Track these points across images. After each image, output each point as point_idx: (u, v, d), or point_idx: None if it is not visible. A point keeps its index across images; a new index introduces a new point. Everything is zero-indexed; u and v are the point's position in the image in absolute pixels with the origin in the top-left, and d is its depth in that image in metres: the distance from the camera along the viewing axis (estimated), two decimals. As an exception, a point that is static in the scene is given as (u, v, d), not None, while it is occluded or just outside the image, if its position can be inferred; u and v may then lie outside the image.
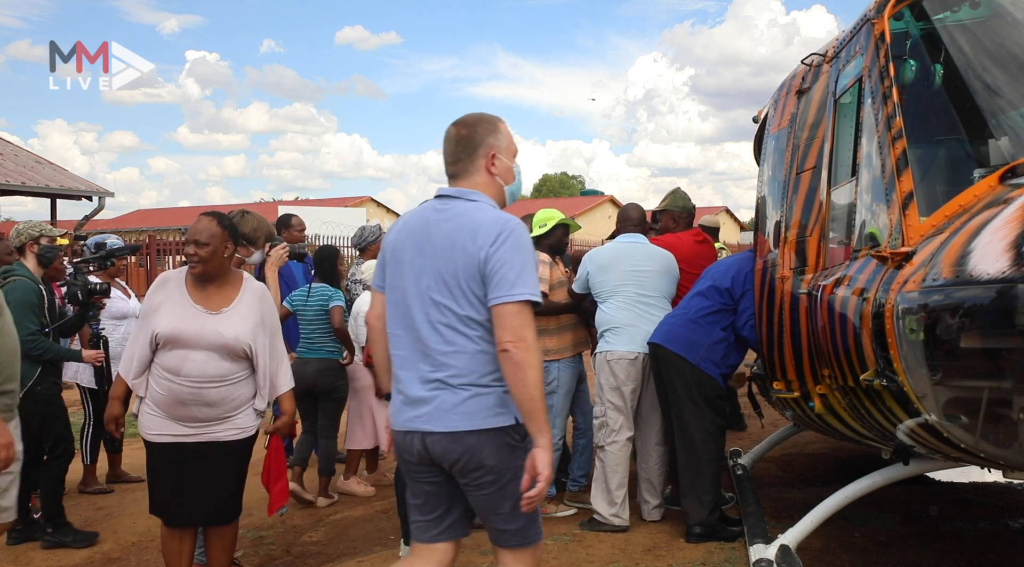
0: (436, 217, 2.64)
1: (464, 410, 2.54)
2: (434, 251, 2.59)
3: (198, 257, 3.40)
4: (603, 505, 4.60)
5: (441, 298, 2.56)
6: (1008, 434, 2.47)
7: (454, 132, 2.70)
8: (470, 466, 2.56)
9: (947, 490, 5.28)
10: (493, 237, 2.51)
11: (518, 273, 2.48)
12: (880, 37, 3.41)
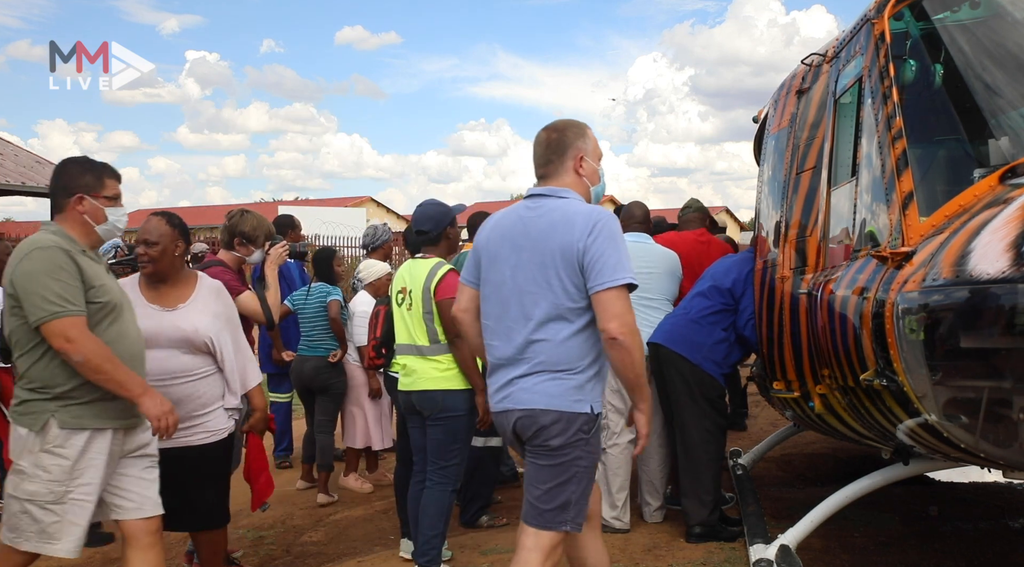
0: (529, 214, 2.84)
1: (545, 391, 2.75)
2: (531, 245, 2.79)
3: (148, 257, 3.37)
4: (605, 508, 4.58)
5: (537, 289, 2.75)
6: (1008, 434, 2.47)
7: (545, 136, 2.92)
8: (536, 440, 2.78)
9: (947, 490, 5.28)
10: (589, 228, 2.69)
11: (616, 260, 2.66)
12: (880, 37, 3.41)
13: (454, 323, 3.22)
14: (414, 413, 3.99)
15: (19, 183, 16.04)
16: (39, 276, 2.78)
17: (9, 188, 16.01)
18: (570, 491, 2.77)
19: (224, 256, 4.29)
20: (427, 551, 3.86)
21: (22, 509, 2.85)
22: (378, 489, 5.68)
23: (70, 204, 2.98)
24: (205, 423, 3.42)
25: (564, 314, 2.74)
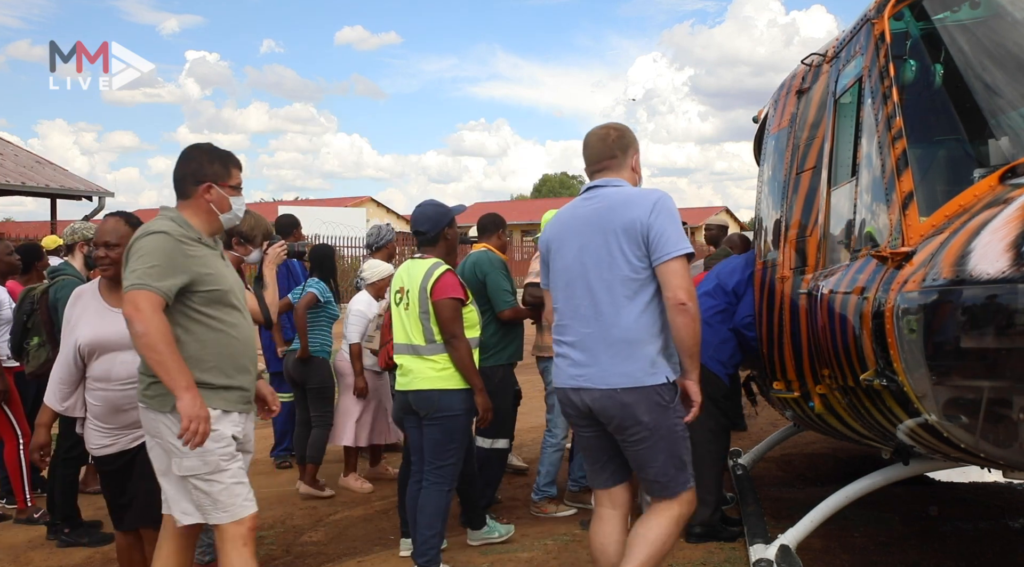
0: (589, 204, 3.10)
1: (621, 370, 2.94)
2: (593, 228, 3.03)
3: (108, 259, 3.31)
4: None
5: (604, 268, 2.98)
6: (1008, 434, 2.47)
7: (605, 133, 3.20)
8: (626, 422, 2.96)
9: (947, 490, 5.28)
10: (650, 207, 2.95)
11: (677, 234, 2.92)
12: (880, 37, 3.41)
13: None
14: (411, 413, 3.99)
15: (19, 183, 16.03)
16: (139, 255, 2.83)
17: (9, 188, 16.00)
18: (678, 455, 3.01)
19: None
20: (425, 551, 3.87)
21: (192, 486, 2.92)
22: (378, 489, 5.68)
23: (198, 192, 3.01)
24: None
25: (632, 289, 2.95)
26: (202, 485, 2.91)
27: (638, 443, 2.97)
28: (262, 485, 5.91)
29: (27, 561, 4.52)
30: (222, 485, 2.93)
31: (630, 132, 3.22)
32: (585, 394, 3.02)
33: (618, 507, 3.18)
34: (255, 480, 6.51)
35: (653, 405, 2.94)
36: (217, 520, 2.93)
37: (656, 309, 2.97)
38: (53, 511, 4.80)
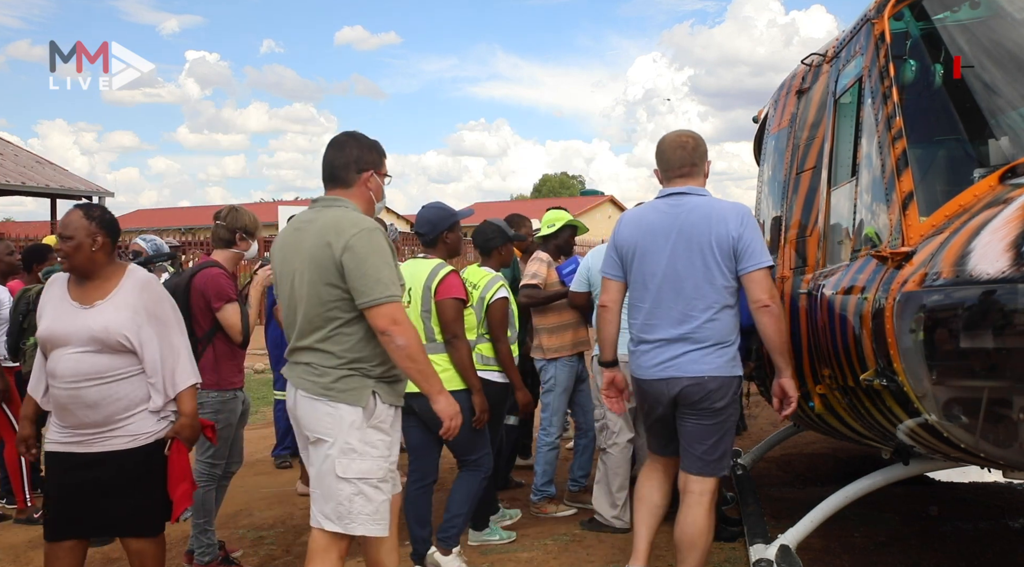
0: (675, 211, 3.39)
1: (712, 362, 3.32)
2: (685, 237, 3.33)
3: (64, 252, 3.15)
4: (605, 507, 4.60)
5: (697, 274, 3.30)
6: (1008, 434, 2.47)
7: (683, 141, 3.47)
8: (704, 405, 3.35)
9: (947, 490, 5.28)
10: (740, 222, 3.29)
11: (761, 246, 3.30)
12: (880, 37, 3.41)
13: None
14: (411, 414, 3.96)
15: (19, 183, 16.04)
16: (373, 257, 2.77)
17: (9, 188, 16.01)
18: (727, 442, 3.46)
19: (220, 257, 4.18)
20: (447, 528, 3.99)
21: (356, 491, 2.80)
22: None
23: (360, 180, 3.00)
24: (126, 427, 3.13)
25: (721, 296, 3.30)
26: (370, 491, 2.81)
27: (703, 421, 3.38)
28: (262, 485, 5.92)
29: (27, 561, 4.52)
30: (384, 496, 2.87)
31: (703, 141, 3.51)
32: (675, 382, 3.36)
33: (668, 472, 3.69)
34: (255, 480, 6.51)
35: (729, 394, 3.38)
36: (360, 531, 2.82)
37: (736, 313, 3.38)
38: None
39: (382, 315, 2.75)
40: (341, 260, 2.78)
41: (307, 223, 2.94)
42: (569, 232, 5.27)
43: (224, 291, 4.01)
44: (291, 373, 2.96)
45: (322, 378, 2.84)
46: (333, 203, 2.95)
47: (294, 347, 2.94)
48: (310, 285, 2.85)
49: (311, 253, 2.85)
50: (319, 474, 2.86)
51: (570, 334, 5.04)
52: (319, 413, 2.83)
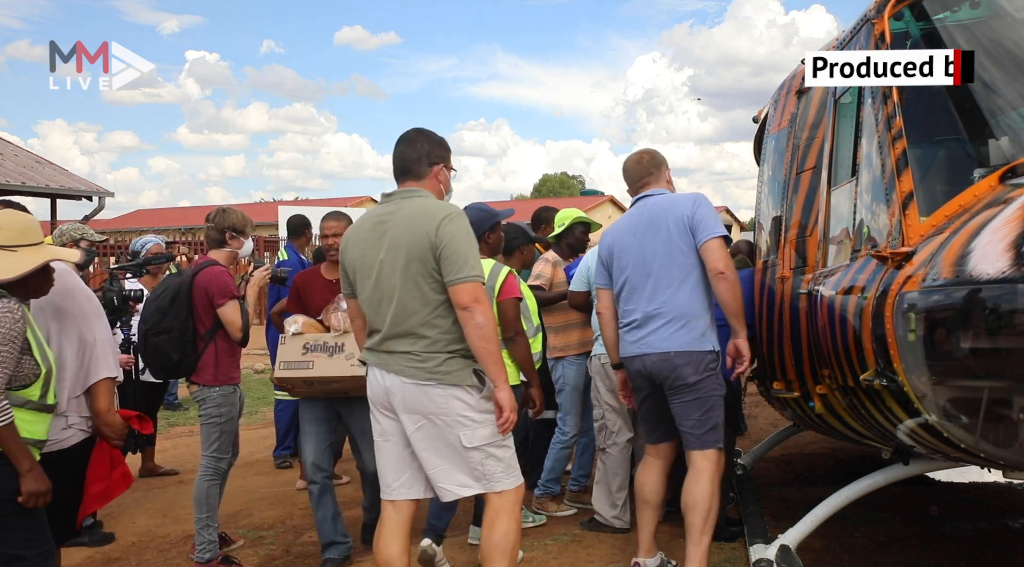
0: (640, 210, 3.82)
1: (677, 338, 3.59)
2: (649, 226, 3.71)
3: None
4: (605, 507, 4.60)
5: (661, 256, 3.63)
6: (1008, 434, 2.47)
7: (639, 157, 3.96)
8: (676, 382, 3.61)
9: (947, 490, 5.28)
10: (692, 203, 3.66)
11: (714, 221, 3.61)
12: (880, 37, 3.41)
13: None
14: None
15: (19, 183, 16.01)
16: (464, 238, 2.94)
17: (9, 188, 15.97)
18: (714, 416, 3.64)
19: (217, 256, 4.26)
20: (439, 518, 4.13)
21: (485, 455, 2.99)
22: (378, 489, 5.68)
23: (432, 172, 3.12)
24: None
25: (683, 270, 3.61)
26: (497, 452, 3.02)
27: (683, 398, 3.62)
28: (262, 485, 5.92)
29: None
30: (510, 450, 3.08)
31: (659, 154, 3.96)
32: (646, 358, 3.65)
33: (661, 458, 3.93)
34: (255, 480, 6.50)
35: (701, 368, 3.60)
36: (504, 487, 3.03)
37: (703, 289, 3.62)
38: None
39: (467, 291, 2.89)
40: (435, 241, 2.92)
41: (389, 215, 3.05)
42: (580, 229, 5.25)
43: (227, 288, 4.09)
44: (386, 360, 3.04)
45: (426, 363, 2.97)
46: (413, 193, 3.07)
47: (388, 335, 3.02)
48: (405, 272, 2.96)
49: (405, 241, 2.96)
50: (440, 451, 3.00)
51: (576, 333, 5.04)
52: (431, 395, 2.97)
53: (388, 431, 3.11)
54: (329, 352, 4.01)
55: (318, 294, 4.23)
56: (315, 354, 4.01)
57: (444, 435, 2.98)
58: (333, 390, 4.10)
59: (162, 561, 4.48)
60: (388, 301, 3.00)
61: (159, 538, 4.83)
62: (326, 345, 4.02)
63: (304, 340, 4.05)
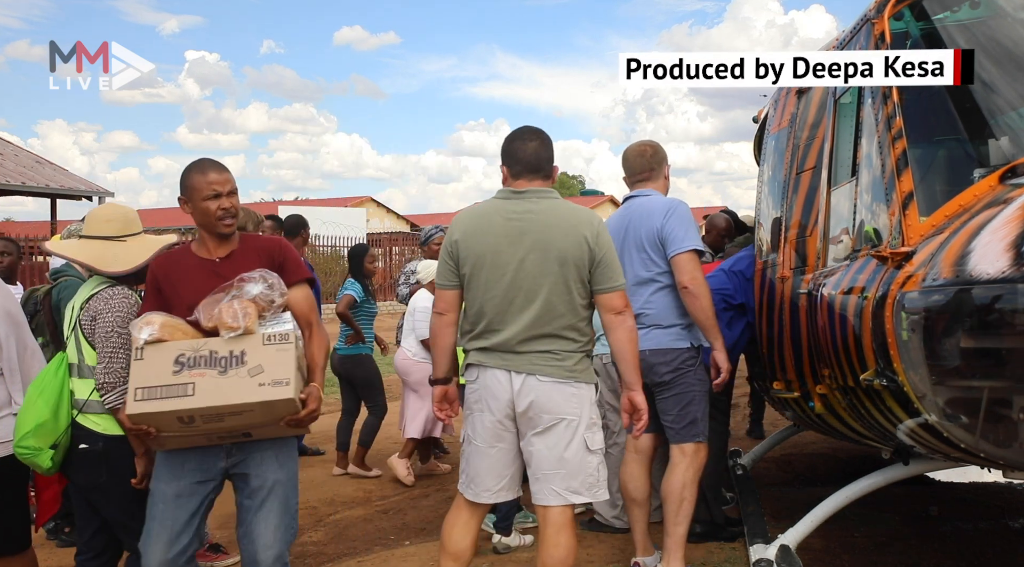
0: (625, 213, 3.89)
1: (649, 338, 3.68)
2: (628, 234, 3.80)
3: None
4: (605, 507, 4.61)
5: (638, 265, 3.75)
6: (1008, 434, 2.47)
7: (642, 149, 3.96)
8: (652, 379, 3.69)
9: (947, 490, 5.28)
10: (664, 213, 3.72)
11: (684, 234, 3.64)
12: (880, 37, 3.41)
13: None
14: None
15: (19, 183, 16.04)
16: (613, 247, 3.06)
17: (9, 188, 16.02)
18: (693, 410, 3.75)
19: None
20: (508, 514, 4.32)
21: (599, 460, 3.05)
22: (378, 489, 5.69)
23: (554, 173, 3.19)
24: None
25: (657, 281, 3.73)
26: (604, 459, 3.09)
27: (660, 394, 3.76)
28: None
29: (27, 561, 4.52)
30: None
31: (661, 148, 3.97)
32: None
33: (641, 452, 4.03)
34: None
35: (674, 364, 3.72)
36: (603, 496, 3.09)
37: (676, 295, 3.72)
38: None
39: (621, 298, 3.01)
40: (595, 249, 2.97)
41: (526, 213, 3.00)
42: None
43: None
44: (515, 361, 2.97)
45: (564, 362, 2.97)
46: (548, 194, 3.07)
47: (526, 337, 2.95)
48: (558, 274, 2.94)
49: (559, 244, 2.94)
50: (562, 453, 2.97)
51: None
52: (565, 394, 2.96)
53: (501, 437, 3.03)
54: (221, 367, 2.61)
55: (193, 281, 2.82)
56: (196, 372, 2.60)
57: (570, 436, 2.97)
58: (227, 429, 2.69)
59: (162, 561, 4.48)
60: (529, 302, 2.94)
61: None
62: (214, 357, 2.62)
63: (174, 351, 2.63)
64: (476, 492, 3.07)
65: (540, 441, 2.97)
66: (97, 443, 2.93)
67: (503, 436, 3.02)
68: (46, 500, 3.18)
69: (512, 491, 3.12)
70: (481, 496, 3.07)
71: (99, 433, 2.94)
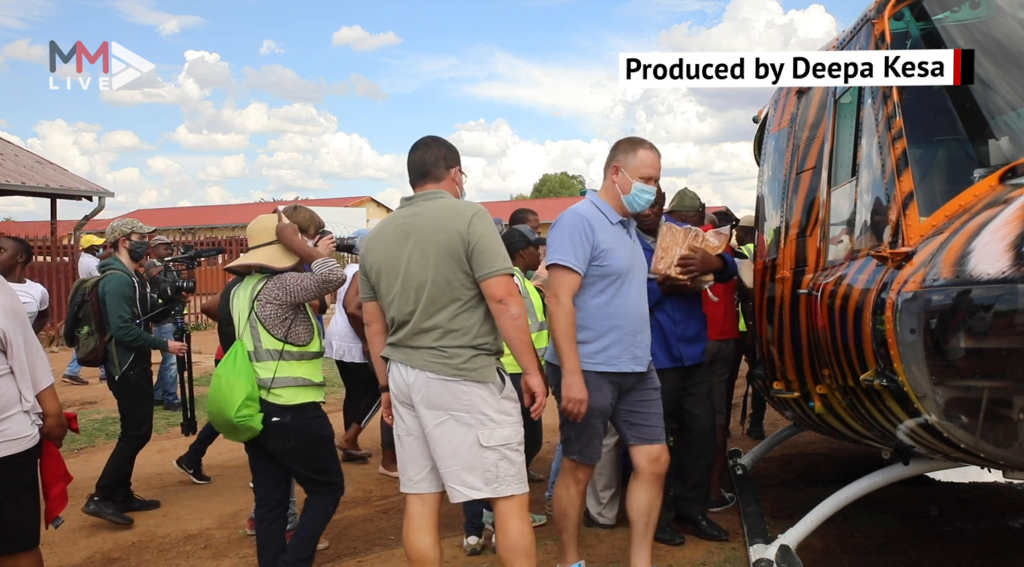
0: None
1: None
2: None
3: None
4: (592, 504, 4.70)
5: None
6: (1008, 434, 2.47)
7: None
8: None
9: (947, 490, 5.28)
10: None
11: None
12: (880, 37, 3.41)
13: None
14: None
15: (19, 183, 16.02)
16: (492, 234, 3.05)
17: (9, 188, 16.00)
18: (566, 430, 3.60)
19: None
20: None
21: (500, 457, 3.02)
22: (378, 489, 5.68)
23: (449, 175, 3.25)
24: (5, 430, 2.96)
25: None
26: (512, 455, 3.04)
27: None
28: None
29: (27, 561, 4.52)
30: (523, 456, 3.11)
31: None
32: None
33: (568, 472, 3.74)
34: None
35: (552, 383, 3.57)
36: (512, 491, 3.04)
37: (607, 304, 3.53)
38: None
39: (501, 284, 2.97)
40: (467, 237, 2.99)
41: (413, 216, 3.12)
42: None
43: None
44: (411, 356, 3.07)
45: (452, 360, 3.01)
46: (435, 195, 3.15)
47: (415, 330, 3.05)
48: (436, 268, 3.02)
49: (435, 238, 3.02)
50: (456, 449, 3.02)
51: None
52: (455, 392, 3.00)
53: (411, 427, 3.14)
54: None
55: None
56: None
57: (463, 433, 3.01)
58: None
59: (162, 561, 4.48)
60: (416, 299, 3.05)
61: (159, 538, 4.83)
62: None
63: None
64: (404, 482, 3.21)
65: (435, 435, 3.05)
66: (285, 415, 3.53)
67: (412, 428, 3.14)
68: (54, 497, 3.22)
69: (438, 483, 3.13)
70: (407, 486, 3.19)
71: (286, 406, 3.54)
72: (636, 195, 3.53)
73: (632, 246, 3.61)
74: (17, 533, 3.06)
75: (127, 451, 5.15)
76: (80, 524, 4.96)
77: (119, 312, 4.93)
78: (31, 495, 3.10)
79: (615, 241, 3.51)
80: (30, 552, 3.10)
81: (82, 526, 4.95)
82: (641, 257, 3.69)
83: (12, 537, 3.04)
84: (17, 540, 3.06)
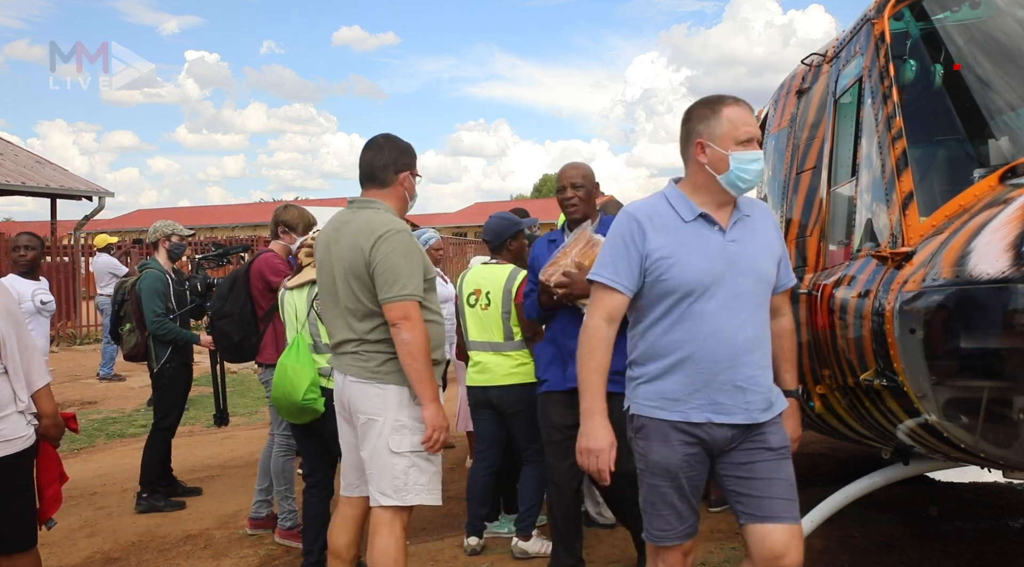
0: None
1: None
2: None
3: None
4: (590, 504, 4.77)
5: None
6: (1008, 434, 2.47)
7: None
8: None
9: (947, 490, 5.28)
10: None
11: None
12: (880, 37, 3.41)
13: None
14: (488, 407, 4.33)
15: (19, 183, 16.02)
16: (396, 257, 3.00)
17: (9, 188, 16.00)
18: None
19: (273, 246, 4.86)
20: (525, 519, 4.32)
21: (410, 464, 3.01)
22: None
23: (398, 180, 3.18)
24: (1, 431, 2.95)
25: None
26: (422, 463, 3.03)
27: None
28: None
29: (27, 561, 4.52)
30: (435, 467, 3.09)
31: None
32: None
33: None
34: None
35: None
36: (415, 501, 3.04)
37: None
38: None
39: (395, 310, 2.95)
40: (368, 259, 2.98)
41: (344, 224, 3.14)
42: None
43: (279, 268, 4.59)
44: (338, 362, 3.16)
45: (368, 363, 3.04)
46: (368, 205, 3.14)
47: (340, 340, 3.13)
48: (346, 285, 3.05)
49: (347, 256, 3.05)
50: (372, 453, 3.04)
51: None
52: (369, 395, 3.03)
53: (347, 433, 3.23)
54: None
55: None
56: None
57: (375, 437, 3.03)
58: None
59: (162, 561, 4.49)
60: (337, 309, 3.12)
61: (159, 538, 4.84)
62: None
63: None
64: (343, 486, 3.29)
65: (361, 440, 3.09)
66: None
67: (347, 432, 3.20)
68: (48, 498, 3.23)
69: (365, 489, 3.17)
70: (346, 489, 3.26)
71: None
72: (739, 168, 2.53)
73: (722, 248, 2.56)
74: (14, 533, 3.06)
75: (156, 444, 5.37)
76: (80, 524, 4.97)
77: (152, 307, 5.22)
78: (28, 496, 3.10)
79: (685, 245, 2.54)
80: (28, 552, 3.10)
81: (82, 526, 4.95)
82: (738, 262, 2.57)
83: (10, 537, 3.04)
84: (15, 540, 3.06)
